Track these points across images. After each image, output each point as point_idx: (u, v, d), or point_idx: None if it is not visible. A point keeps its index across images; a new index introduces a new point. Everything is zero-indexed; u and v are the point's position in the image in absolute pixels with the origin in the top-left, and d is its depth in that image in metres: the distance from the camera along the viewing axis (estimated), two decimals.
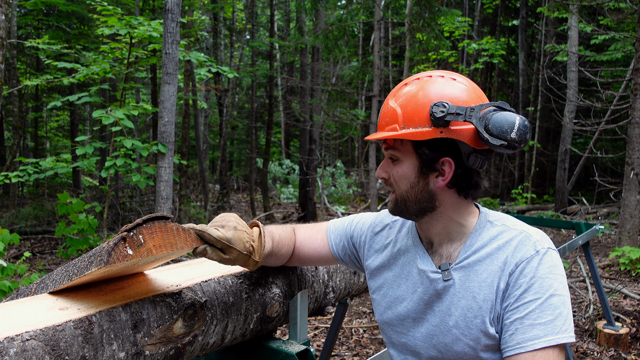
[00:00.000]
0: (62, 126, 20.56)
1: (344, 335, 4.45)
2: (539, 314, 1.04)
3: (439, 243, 1.21)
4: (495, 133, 1.06)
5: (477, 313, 1.12)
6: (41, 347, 0.84)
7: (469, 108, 1.09)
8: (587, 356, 3.93)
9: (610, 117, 9.34)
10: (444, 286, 1.17)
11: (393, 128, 1.14)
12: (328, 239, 1.45)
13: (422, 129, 1.10)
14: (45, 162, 5.43)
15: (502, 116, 1.07)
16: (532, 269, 1.08)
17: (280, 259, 1.40)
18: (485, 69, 17.28)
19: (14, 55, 10.78)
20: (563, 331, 1.03)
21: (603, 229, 4.20)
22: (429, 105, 1.10)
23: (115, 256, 0.92)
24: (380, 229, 1.38)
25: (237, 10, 14.51)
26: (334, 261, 1.48)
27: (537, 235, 1.14)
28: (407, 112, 1.13)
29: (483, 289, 1.12)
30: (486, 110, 1.09)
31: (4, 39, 4.17)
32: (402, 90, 1.17)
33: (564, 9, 10.37)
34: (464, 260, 1.16)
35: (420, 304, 1.21)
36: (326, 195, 13.10)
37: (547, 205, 12.68)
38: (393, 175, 1.19)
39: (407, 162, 1.16)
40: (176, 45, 4.91)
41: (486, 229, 1.18)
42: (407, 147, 1.16)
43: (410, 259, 1.26)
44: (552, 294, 1.05)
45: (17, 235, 3.50)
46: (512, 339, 1.06)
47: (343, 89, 11.41)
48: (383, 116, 1.18)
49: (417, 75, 1.19)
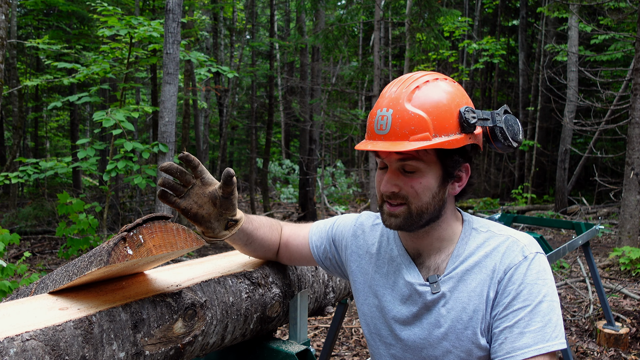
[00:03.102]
0: (62, 126, 20.57)
1: (344, 335, 4.45)
2: (528, 321, 1.02)
3: (428, 254, 1.18)
4: (511, 135, 1.10)
5: (468, 324, 1.09)
6: (41, 347, 0.84)
7: (494, 112, 1.10)
8: (587, 356, 3.93)
9: (610, 117, 9.35)
10: (433, 299, 1.13)
11: (425, 137, 1.02)
12: (309, 240, 1.40)
13: (454, 136, 1.05)
14: (45, 163, 5.43)
15: (511, 119, 1.12)
16: (520, 275, 1.06)
17: (262, 243, 1.34)
18: (485, 69, 17.29)
19: (14, 55, 10.79)
20: (553, 338, 1.01)
21: (603, 229, 4.20)
22: (457, 110, 1.06)
23: (115, 256, 0.92)
24: (361, 232, 1.33)
25: (237, 10, 14.51)
26: (314, 262, 1.42)
27: (524, 240, 1.12)
28: (436, 118, 1.04)
29: (473, 299, 1.10)
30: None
31: (4, 39, 4.17)
32: (419, 94, 1.06)
33: (564, 9, 10.37)
34: (453, 272, 1.13)
35: (408, 316, 1.17)
36: (326, 195, 13.11)
37: (547, 205, 12.68)
38: (413, 187, 1.08)
39: (431, 172, 1.08)
40: (177, 45, 4.91)
41: (472, 237, 1.15)
42: (431, 157, 1.07)
43: (395, 268, 1.22)
44: (541, 300, 1.04)
45: (17, 235, 3.50)
46: (501, 348, 1.04)
47: (343, 89, 11.42)
48: (404, 123, 1.04)
49: (420, 75, 1.10)
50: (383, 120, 1.06)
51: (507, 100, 17.58)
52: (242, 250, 1.36)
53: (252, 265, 1.41)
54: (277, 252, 1.42)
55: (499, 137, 1.09)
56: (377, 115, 1.08)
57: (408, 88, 1.07)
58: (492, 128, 1.10)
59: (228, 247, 8.61)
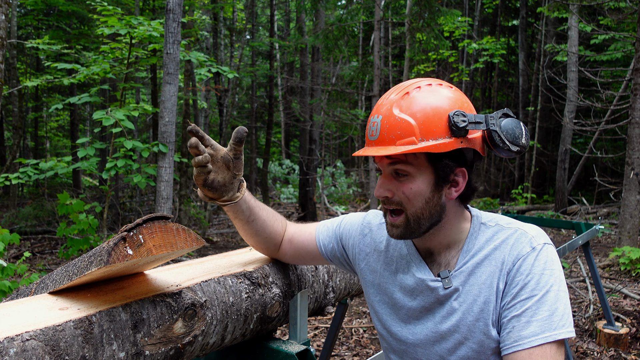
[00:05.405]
0: (62, 126, 20.58)
1: (344, 335, 4.45)
2: (536, 310, 1.04)
3: (438, 252, 1.20)
4: (510, 139, 1.08)
5: (479, 316, 1.11)
6: (41, 347, 0.84)
7: (488, 116, 1.10)
8: (587, 356, 3.93)
9: (610, 117, 9.35)
10: (445, 294, 1.15)
11: (410, 141, 1.05)
12: (317, 239, 1.41)
13: (442, 140, 1.06)
14: (45, 163, 5.42)
15: (512, 122, 1.10)
16: (528, 265, 1.08)
17: (264, 227, 1.37)
18: (485, 68, 17.30)
19: (14, 55, 10.79)
20: (560, 327, 1.02)
21: (603, 229, 4.19)
22: (446, 114, 1.06)
23: (115, 256, 0.92)
24: (368, 231, 1.35)
25: (237, 10, 14.50)
26: (322, 260, 1.44)
27: (532, 232, 1.13)
28: (423, 123, 1.06)
29: (483, 291, 1.11)
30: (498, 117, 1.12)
31: (4, 39, 4.17)
32: (407, 100, 1.09)
33: (564, 9, 10.37)
34: (463, 266, 1.15)
35: (421, 311, 1.20)
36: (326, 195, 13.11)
37: (547, 205, 12.68)
38: (404, 193, 1.10)
39: (422, 176, 1.10)
40: (177, 46, 4.92)
41: (481, 232, 1.17)
42: (421, 161, 1.09)
43: (404, 266, 1.24)
44: (548, 290, 1.05)
45: (17, 235, 3.50)
46: (509, 337, 1.05)
47: (343, 89, 11.43)
48: (392, 128, 1.07)
49: (412, 82, 1.13)
50: (374, 126, 1.11)
51: (507, 100, 17.58)
52: (244, 229, 1.37)
53: (252, 265, 1.41)
54: (279, 246, 1.43)
55: (496, 141, 1.08)
56: (370, 122, 1.13)
57: (398, 94, 1.10)
58: (489, 132, 1.10)
59: (228, 247, 8.61)
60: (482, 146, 1.13)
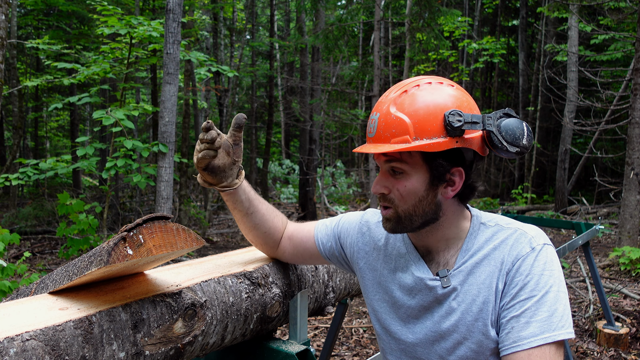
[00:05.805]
0: (62, 126, 20.58)
1: (344, 335, 4.45)
2: (535, 311, 1.03)
3: (437, 251, 1.19)
4: (509, 140, 1.07)
5: (478, 316, 1.11)
6: (41, 347, 0.84)
7: (485, 116, 1.09)
8: (587, 356, 3.93)
9: (610, 117, 9.35)
10: (444, 293, 1.15)
11: (404, 140, 1.06)
12: (315, 237, 1.42)
13: (437, 139, 1.06)
14: (45, 164, 5.42)
15: (512, 123, 1.09)
16: (527, 266, 1.07)
17: (263, 220, 1.38)
18: (485, 68, 17.30)
19: (14, 55, 10.78)
20: (560, 327, 1.02)
21: (603, 229, 4.19)
22: (442, 114, 1.06)
23: (115, 256, 0.92)
24: (367, 229, 1.35)
25: (237, 10, 14.51)
26: (321, 259, 1.44)
27: (532, 232, 1.13)
28: (418, 122, 1.06)
29: (482, 291, 1.11)
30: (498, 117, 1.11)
31: (4, 39, 4.17)
32: (405, 98, 1.09)
33: (564, 9, 10.37)
34: (462, 265, 1.15)
35: (420, 310, 1.19)
36: (326, 195, 13.11)
37: (547, 205, 12.68)
38: (399, 190, 1.12)
39: (416, 175, 1.10)
40: (177, 45, 4.92)
41: (481, 232, 1.17)
42: (416, 160, 1.10)
43: (402, 264, 1.24)
44: (548, 290, 1.05)
45: (17, 235, 3.50)
46: (508, 338, 1.05)
47: (343, 89, 11.43)
48: (387, 126, 1.08)
49: (413, 80, 1.13)
50: (372, 124, 1.13)
51: (507, 100, 17.58)
52: (243, 221, 1.38)
53: (252, 265, 1.41)
54: (278, 242, 1.43)
55: (494, 141, 1.08)
56: (370, 120, 1.15)
57: (397, 93, 1.11)
58: (488, 132, 1.09)
59: (228, 247, 8.61)
60: (482, 146, 1.12)
